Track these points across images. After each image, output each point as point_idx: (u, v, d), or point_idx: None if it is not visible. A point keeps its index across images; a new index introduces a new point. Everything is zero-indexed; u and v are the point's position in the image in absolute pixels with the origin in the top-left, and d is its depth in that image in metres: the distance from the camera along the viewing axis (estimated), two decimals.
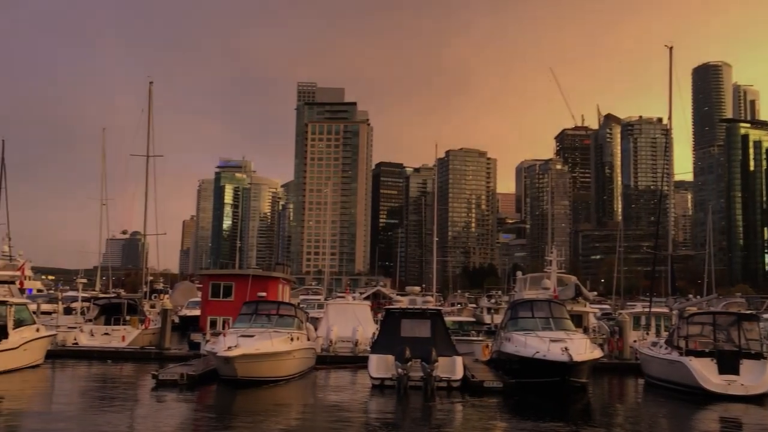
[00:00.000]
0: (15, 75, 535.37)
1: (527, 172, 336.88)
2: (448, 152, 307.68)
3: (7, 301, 27.11)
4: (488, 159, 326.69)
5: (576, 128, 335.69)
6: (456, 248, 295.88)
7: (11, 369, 25.30)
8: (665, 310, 35.24)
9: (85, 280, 49.73)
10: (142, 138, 46.58)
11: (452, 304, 78.87)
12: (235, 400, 21.39)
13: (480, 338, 37.07)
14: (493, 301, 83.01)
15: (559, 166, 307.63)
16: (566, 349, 21.46)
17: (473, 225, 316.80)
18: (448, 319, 35.00)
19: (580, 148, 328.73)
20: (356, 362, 29.79)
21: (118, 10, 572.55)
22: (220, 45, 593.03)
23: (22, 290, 44.37)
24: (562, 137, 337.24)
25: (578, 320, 31.74)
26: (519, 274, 50.79)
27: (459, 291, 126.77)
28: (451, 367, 23.36)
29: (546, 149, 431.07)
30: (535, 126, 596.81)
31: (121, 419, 18.12)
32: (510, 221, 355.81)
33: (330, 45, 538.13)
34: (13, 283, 42.48)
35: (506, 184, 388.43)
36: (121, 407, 20.24)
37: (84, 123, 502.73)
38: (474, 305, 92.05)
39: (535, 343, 22.95)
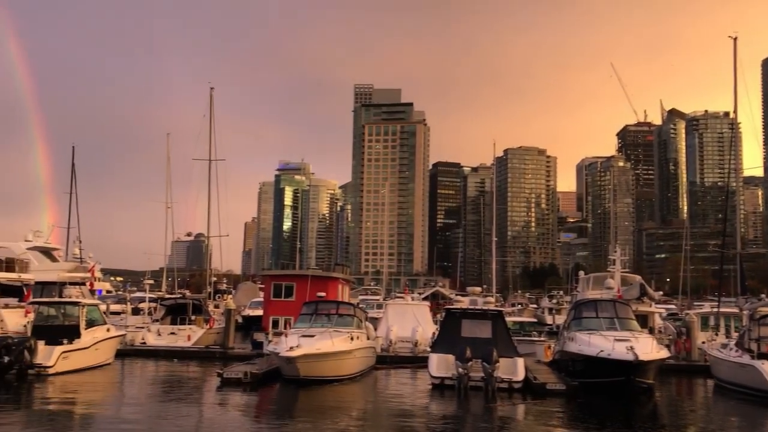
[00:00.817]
0: (84, 84, 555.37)
1: (588, 170, 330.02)
2: (506, 151, 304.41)
3: (79, 302, 28.12)
4: (548, 157, 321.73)
5: (638, 124, 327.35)
6: (516, 248, 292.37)
7: (84, 368, 26.24)
8: (735, 310, 34.06)
9: (151, 282, 51.23)
10: (204, 143, 47.75)
11: (513, 305, 78.00)
12: (297, 400, 21.68)
13: (542, 339, 36.53)
14: (554, 301, 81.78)
15: (621, 164, 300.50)
16: (632, 348, 20.96)
17: (533, 224, 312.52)
18: (509, 319, 34.63)
19: (642, 144, 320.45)
20: (416, 362, 29.79)
21: (180, 18, 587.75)
22: (278, 49, 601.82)
23: (92, 291, 46.01)
24: (624, 134, 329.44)
25: (643, 320, 30.95)
26: (581, 273, 49.69)
27: (519, 291, 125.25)
28: (513, 368, 23.13)
29: (607, 146, 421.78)
30: (595, 123, 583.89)
31: (188, 417, 18.59)
32: (571, 220, 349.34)
33: (387, 46, 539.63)
34: (84, 284, 44.12)
35: (566, 182, 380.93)
36: (187, 405, 20.78)
37: (149, 129, 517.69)
38: (535, 306, 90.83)
39: (600, 342, 22.50)
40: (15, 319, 34.26)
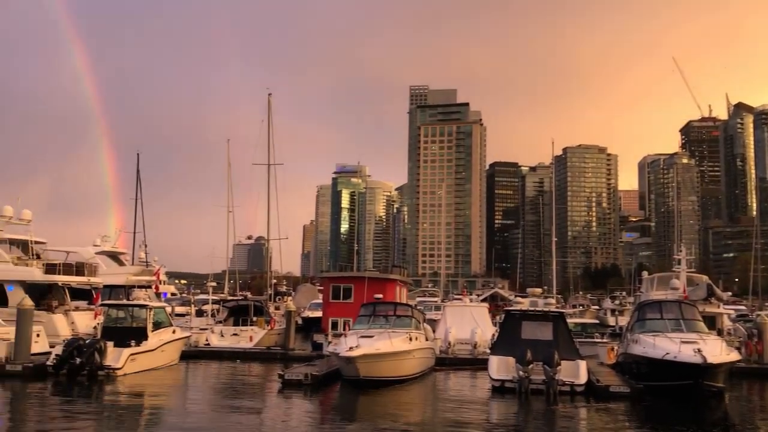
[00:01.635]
0: (148, 93, 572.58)
1: (651, 168, 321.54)
2: (565, 149, 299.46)
3: (146, 305, 28.91)
4: (608, 155, 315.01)
5: (703, 119, 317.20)
6: (576, 248, 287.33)
7: (150, 369, 26.99)
8: None
9: (214, 284, 52.30)
10: (263, 147, 48.53)
11: (574, 306, 76.66)
12: (358, 400, 21.80)
13: (604, 341, 35.76)
14: (617, 302, 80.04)
15: (685, 160, 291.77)
16: (699, 350, 20.28)
17: (594, 224, 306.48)
18: (570, 321, 34.03)
19: (707, 140, 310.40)
20: (475, 364, 29.62)
21: (238, 26, 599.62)
22: (334, 53, 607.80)
23: (157, 294, 47.32)
24: (687, 130, 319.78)
25: (711, 322, 29.93)
26: (645, 274, 48.50)
27: (581, 292, 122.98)
28: (575, 371, 22.73)
29: (670, 143, 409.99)
30: (657, 119, 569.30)
31: (250, 418, 18.93)
32: (633, 219, 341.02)
33: (442, 47, 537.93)
34: (150, 287, 45.39)
35: (628, 180, 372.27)
36: (250, 406, 21.15)
37: (210, 135, 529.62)
38: (597, 307, 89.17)
39: (665, 345, 21.87)
40: (85, 322, 35.60)
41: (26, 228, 40.01)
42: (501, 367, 23.17)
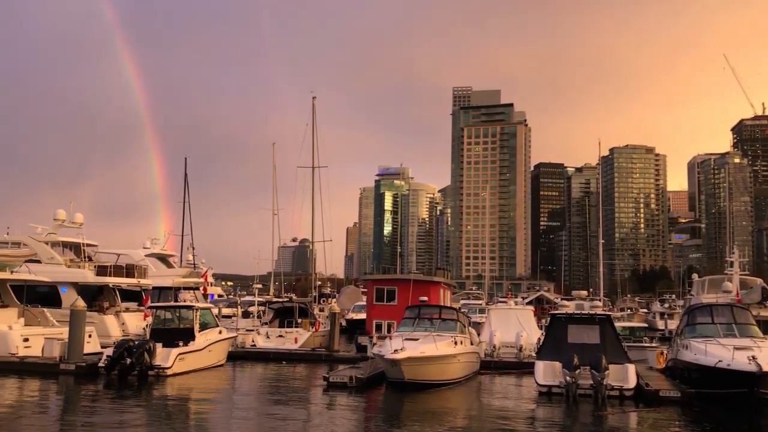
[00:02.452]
0: (195, 97, 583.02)
1: (701, 168, 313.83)
2: (612, 150, 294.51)
3: (193, 306, 29.44)
4: (656, 155, 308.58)
5: (756, 118, 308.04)
6: (624, 250, 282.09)
7: (198, 369, 27.45)
8: None
9: (260, 286, 52.84)
10: (307, 150, 48.90)
11: (621, 309, 75.32)
12: (402, 403, 21.77)
13: (653, 345, 35.04)
14: (666, 305, 78.46)
15: (737, 160, 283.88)
16: (754, 357, 19.63)
17: (642, 225, 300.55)
18: (618, 324, 33.43)
19: (761, 138, 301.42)
20: (521, 368, 29.32)
21: (283, 31, 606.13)
22: (376, 56, 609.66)
23: (204, 295, 48.13)
24: (740, 128, 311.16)
25: (766, 327, 29.03)
26: (695, 276, 47.36)
27: (629, 295, 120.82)
28: (623, 375, 22.31)
29: (721, 142, 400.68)
30: (708, 118, 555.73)
31: (296, 420, 19.06)
32: (683, 220, 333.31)
33: (485, 48, 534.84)
34: (197, 289, 46.16)
35: (677, 181, 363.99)
36: (295, 407, 21.32)
37: (255, 138, 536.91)
38: (646, 310, 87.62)
39: (717, 351, 21.24)
40: (135, 323, 36.45)
41: (78, 231, 41.15)
42: (547, 372, 22.88)
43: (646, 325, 54.22)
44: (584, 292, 44.68)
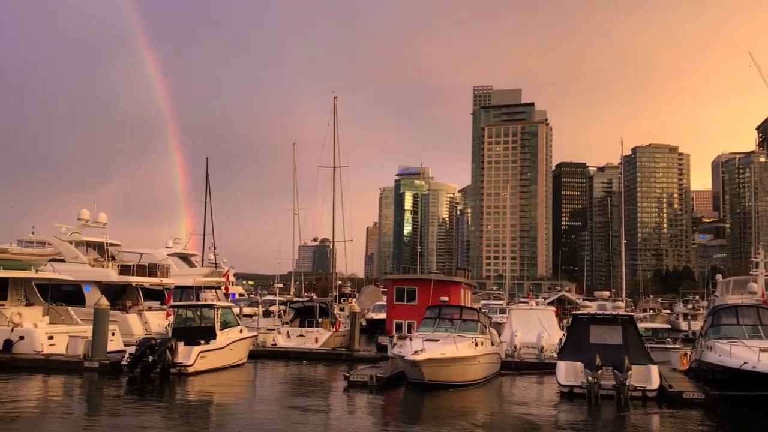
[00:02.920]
0: (216, 98, 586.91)
1: (725, 167, 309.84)
2: (634, 149, 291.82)
3: (215, 305, 29.64)
4: (680, 154, 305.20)
5: None
6: (646, 250, 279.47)
7: (219, 367, 27.63)
8: None
9: (281, 285, 53.09)
10: (328, 150, 49.04)
11: (644, 310, 74.64)
12: (422, 404, 21.76)
13: (677, 346, 34.67)
14: (690, 306, 77.77)
15: (762, 159, 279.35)
16: None
17: (665, 225, 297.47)
18: (640, 325, 33.10)
19: None
20: (542, 369, 29.16)
21: (303, 31, 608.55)
22: (396, 56, 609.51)
23: (226, 295, 48.48)
24: (765, 127, 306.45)
25: None
26: (719, 277, 46.84)
27: (651, 296, 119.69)
28: (646, 376, 22.10)
29: (746, 141, 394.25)
30: (732, 117, 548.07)
31: (317, 418, 19.13)
32: (707, 220, 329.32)
33: (505, 47, 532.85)
34: (219, 288, 46.48)
35: (701, 180, 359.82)
36: (315, 406, 21.39)
37: (276, 138, 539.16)
38: (668, 311, 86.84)
39: (742, 353, 20.94)
40: (157, 321, 36.78)
41: (102, 231, 41.62)
42: (569, 372, 22.73)
43: (669, 326, 53.72)
44: (607, 293, 44.40)
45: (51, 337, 28.40)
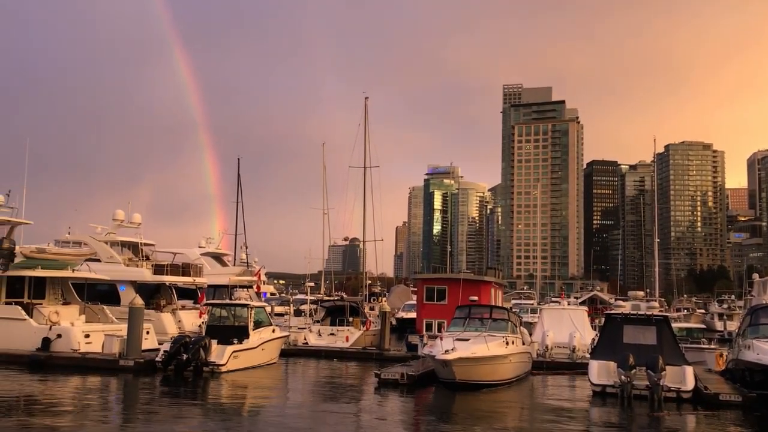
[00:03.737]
0: (247, 99, 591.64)
1: (762, 164, 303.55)
2: (667, 146, 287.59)
3: (248, 304, 29.91)
4: (714, 152, 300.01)
5: None
6: (680, 249, 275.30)
7: (252, 366, 27.89)
8: None
9: (312, 284, 53.35)
10: (359, 150, 49.19)
11: (678, 310, 73.52)
12: (453, 403, 21.74)
13: (712, 347, 34.13)
14: (725, 306, 76.39)
15: None
16: None
17: (699, 224, 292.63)
18: (675, 325, 32.65)
19: None
20: (574, 368, 28.96)
21: (333, 31, 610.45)
22: (425, 55, 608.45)
23: (258, 294, 48.87)
24: None
25: None
26: (755, 276, 45.82)
27: (685, 296, 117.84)
28: (681, 377, 21.81)
29: None
30: None
31: (348, 416, 19.23)
32: (742, 219, 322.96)
33: (536, 45, 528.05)
34: (251, 287, 46.89)
35: (737, 178, 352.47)
36: (347, 404, 21.49)
37: (306, 139, 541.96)
38: (703, 311, 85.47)
39: None
40: (191, 320, 37.26)
41: (136, 231, 42.26)
42: (602, 372, 22.55)
43: (703, 326, 52.84)
44: (641, 293, 43.73)
45: (87, 336, 28.89)
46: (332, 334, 37.39)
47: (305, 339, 36.66)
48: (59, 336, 28.34)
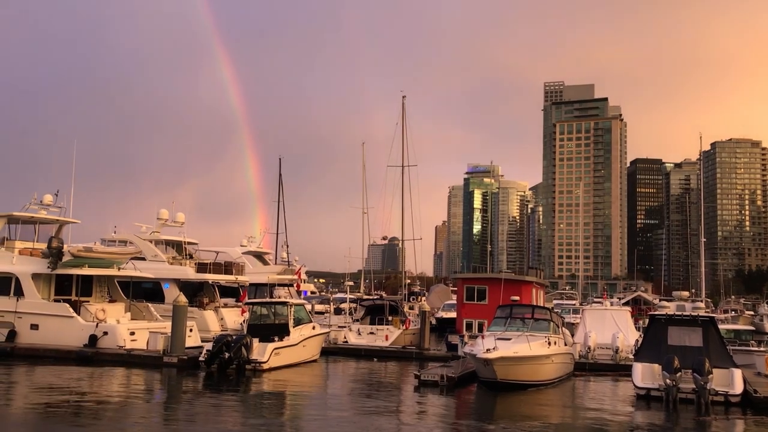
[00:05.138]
0: (288, 100, 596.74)
1: None
2: (714, 144, 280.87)
3: (287, 302, 30.19)
4: (763, 149, 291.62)
5: None
6: (727, 249, 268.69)
7: (292, 363, 28.13)
8: None
9: (351, 283, 53.57)
10: (397, 149, 49.08)
11: (725, 311, 71.77)
12: (495, 403, 21.56)
13: (761, 349, 33.18)
14: None
15: None
16: None
17: (747, 223, 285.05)
18: (722, 327, 31.86)
19: None
20: (617, 370, 28.54)
21: (372, 31, 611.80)
22: (464, 53, 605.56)
23: (298, 292, 49.26)
24: None
25: None
26: None
27: (733, 297, 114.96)
28: (729, 380, 21.26)
29: None
30: None
31: (388, 416, 19.24)
32: None
33: (577, 42, 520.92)
34: (291, 285, 47.29)
35: None
36: (387, 404, 21.49)
37: (346, 138, 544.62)
38: (752, 312, 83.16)
39: None
40: (233, 318, 37.75)
41: (180, 230, 43.02)
42: (646, 375, 22.13)
43: (752, 328, 51.36)
44: (686, 293, 42.77)
45: (132, 333, 29.49)
46: (372, 333, 37.46)
47: (345, 337, 36.81)
48: (105, 333, 29.00)
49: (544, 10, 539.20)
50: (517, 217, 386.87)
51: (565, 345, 27.62)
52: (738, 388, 21.17)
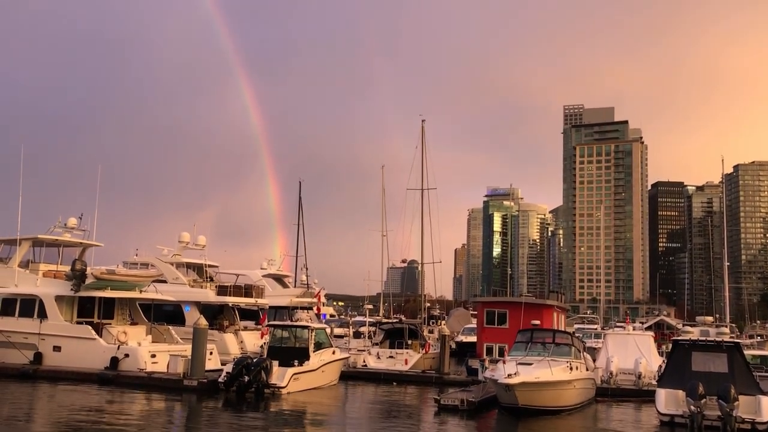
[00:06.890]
0: (307, 123, 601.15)
1: None
2: (736, 166, 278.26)
3: (308, 326, 30.15)
4: None
5: None
6: (752, 273, 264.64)
7: (312, 388, 28.03)
8: None
9: (370, 306, 53.42)
10: (416, 173, 49.23)
11: (751, 336, 70.50)
12: (516, 429, 21.35)
13: None
14: None
15: None
16: None
17: None
18: (747, 352, 31.28)
19: None
20: (640, 396, 28.13)
21: (391, 55, 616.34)
22: (483, 76, 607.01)
23: (318, 315, 49.24)
24: None
25: None
26: None
27: (758, 321, 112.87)
28: (756, 407, 20.83)
29: None
30: None
31: None
32: None
33: (596, 65, 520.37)
34: (311, 308, 47.31)
35: None
36: (406, 428, 21.32)
37: (365, 162, 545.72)
38: None
39: None
40: (252, 341, 37.77)
41: (201, 252, 43.30)
42: (670, 401, 21.76)
43: None
44: (710, 318, 42.07)
45: (153, 356, 29.59)
46: (391, 356, 37.25)
47: (364, 361, 36.64)
48: (127, 355, 29.13)
49: (563, 33, 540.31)
50: (538, 240, 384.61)
51: (587, 370, 27.29)
52: (765, 415, 20.71)
